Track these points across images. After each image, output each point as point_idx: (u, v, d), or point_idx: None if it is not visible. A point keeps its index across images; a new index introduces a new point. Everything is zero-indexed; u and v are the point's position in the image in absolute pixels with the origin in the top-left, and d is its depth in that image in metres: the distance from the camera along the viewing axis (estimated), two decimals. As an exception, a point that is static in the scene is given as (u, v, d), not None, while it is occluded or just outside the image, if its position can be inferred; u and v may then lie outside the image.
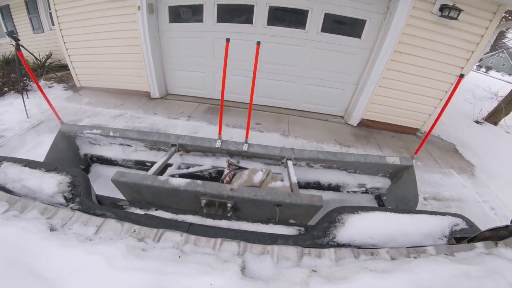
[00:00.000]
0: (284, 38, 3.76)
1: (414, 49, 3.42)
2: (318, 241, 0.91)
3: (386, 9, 3.41)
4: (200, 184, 1.40)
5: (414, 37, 3.35)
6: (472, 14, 3.20)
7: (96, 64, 4.50)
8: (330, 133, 3.90)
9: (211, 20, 3.79)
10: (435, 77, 3.57)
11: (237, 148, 2.04)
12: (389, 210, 1.00)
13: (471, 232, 0.93)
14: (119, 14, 3.86)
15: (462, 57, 3.43)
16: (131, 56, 4.17)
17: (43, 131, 3.32)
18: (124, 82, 4.55)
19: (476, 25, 3.25)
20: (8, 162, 1.09)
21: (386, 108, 3.92)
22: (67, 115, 3.77)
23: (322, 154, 2.02)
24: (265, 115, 4.19)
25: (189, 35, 3.99)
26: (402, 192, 2.04)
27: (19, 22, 6.88)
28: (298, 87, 4.17)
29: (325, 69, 3.93)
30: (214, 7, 3.68)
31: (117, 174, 1.43)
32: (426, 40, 3.36)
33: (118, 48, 4.19)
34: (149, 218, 0.98)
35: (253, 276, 0.72)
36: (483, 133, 5.13)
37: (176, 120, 3.83)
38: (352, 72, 3.91)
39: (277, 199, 1.35)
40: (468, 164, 3.70)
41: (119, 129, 2.08)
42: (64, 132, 2.10)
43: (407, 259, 0.78)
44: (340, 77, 3.98)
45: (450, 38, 3.33)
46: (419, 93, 3.72)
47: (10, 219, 0.80)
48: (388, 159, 1.99)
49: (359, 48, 3.70)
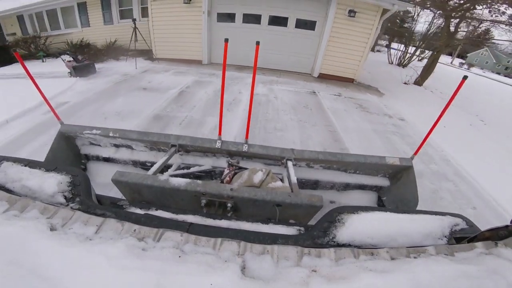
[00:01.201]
0: (276, 31, 7.48)
1: (339, 35, 6.91)
2: (318, 241, 0.91)
3: (325, 15, 6.82)
4: (200, 184, 1.40)
5: (338, 28, 6.83)
6: (366, 13, 6.49)
7: (170, 42, 7.95)
8: (302, 79, 7.43)
9: (239, 21, 7.50)
10: (353, 48, 7.03)
11: (237, 149, 2.04)
12: (389, 210, 1.00)
13: (471, 232, 0.93)
14: (192, 14, 7.32)
15: (365, 37, 6.80)
16: (194, 38, 7.69)
17: (149, 72, 6.90)
18: (186, 54, 8.08)
19: (369, 19, 6.58)
20: (8, 161, 1.09)
21: (331, 66, 7.52)
22: (157, 69, 7.25)
23: (321, 155, 2.02)
24: (267, 71, 7.88)
25: (226, 29, 7.57)
26: (402, 192, 2.04)
27: (92, 16, 9.37)
28: (284, 57, 7.94)
29: (298, 48, 7.65)
30: (241, 15, 7.37)
31: (117, 174, 1.43)
32: (344, 29, 6.80)
33: (187, 33, 7.61)
34: (149, 218, 0.98)
35: (253, 275, 0.72)
36: (403, 87, 8.73)
37: (214, 71, 7.35)
38: (312, 49, 7.59)
39: (277, 199, 1.35)
40: (381, 94, 7.26)
41: (119, 130, 2.07)
42: (64, 133, 2.09)
43: (407, 259, 0.78)
44: (306, 51, 7.68)
45: (357, 27, 6.71)
46: (346, 57, 7.22)
47: (10, 218, 0.80)
48: (388, 159, 1.99)
49: (314, 36, 7.35)
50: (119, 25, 9.39)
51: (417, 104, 6.83)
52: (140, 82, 5.98)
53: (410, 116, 5.70)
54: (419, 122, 5.34)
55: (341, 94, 6.52)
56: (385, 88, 7.98)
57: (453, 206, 2.95)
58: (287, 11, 7.06)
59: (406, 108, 6.27)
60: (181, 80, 6.27)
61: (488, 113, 7.71)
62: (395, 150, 4.08)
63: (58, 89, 5.07)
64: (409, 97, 7.45)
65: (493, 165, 4.11)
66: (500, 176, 3.79)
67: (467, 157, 4.15)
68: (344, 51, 7.08)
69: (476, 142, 5.14)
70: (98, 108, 4.47)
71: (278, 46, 7.60)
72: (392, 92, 7.63)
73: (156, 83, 5.96)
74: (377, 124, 5.04)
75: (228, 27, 7.50)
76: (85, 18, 9.51)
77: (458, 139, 4.98)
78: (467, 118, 6.69)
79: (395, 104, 6.47)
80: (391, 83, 8.95)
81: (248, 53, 7.53)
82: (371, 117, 5.34)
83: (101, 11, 9.28)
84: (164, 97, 5.10)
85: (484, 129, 6.14)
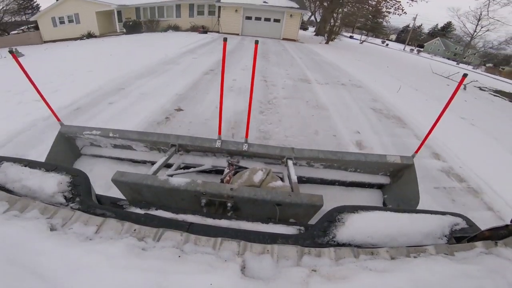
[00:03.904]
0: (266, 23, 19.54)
1: (288, 23, 19.16)
2: (318, 241, 0.91)
3: (283, 16, 18.89)
4: (200, 183, 1.40)
5: (287, 21, 19.06)
6: (296, 15, 19.02)
7: (227, 26, 19.13)
8: (276, 39, 18.73)
9: (253, 19, 19.33)
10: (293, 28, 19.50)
11: (237, 148, 2.04)
12: (389, 209, 1.00)
13: (471, 231, 0.93)
14: (236, 14, 18.85)
15: (297, 23, 19.44)
16: (237, 24, 19.23)
17: (221, 35, 17.35)
18: (234, 30, 19.16)
19: (297, 17, 19.24)
20: (8, 162, 1.09)
21: (286, 34, 19.35)
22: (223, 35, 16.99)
23: (322, 153, 2.02)
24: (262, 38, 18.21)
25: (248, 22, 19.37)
26: (403, 191, 2.04)
27: (183, 12, 20.23)
28: (268, 32, 19.53)
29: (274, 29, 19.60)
30: (253, 17, 19.25)
31: (117, 174, 1.43)
32: (289, 21, 19.09)
33: (234, 22, 19.13)
34: (149, 218, 0.98)
35: (253, 275, 0.72)
36: (319, 44, 19.79)
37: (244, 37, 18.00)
38: (279, 29, 19.51)
39: (277, 198, 1.35)
40: (308, 45, 18.08)
41: (119, 130, 2.07)
42: (64, 134, 2.09)
43: (407, 259, 0.78)
44: (277, 30, 19.53)
45: (294, 20, 19.17)
46: (292, 31, 19.39)
47: (10, 218, 0.80)
48: (389, 157, 1.99)
49: (279, 24, 19.37)
50: (195, 18, 20.42)
51: (325, 50, 16.09)
52: (220, 38, 15.04)
53: (317, 50, 15.43)
54: (321, 52, 14.68)
55: (292, 44, 17.46)
56: (311, 43, 19.32)
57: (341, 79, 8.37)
58: (270, 15, 18.99)
59: (317, 48, 16.32)
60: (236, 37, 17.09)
61: (394, 68, 12.97)
62: (311, 59, 11.68)
63: (198, 37, 14.66)
64: (321, 46, 18.28)
65: (368, 73, 9.82)
66: (362, 71, 10.04)
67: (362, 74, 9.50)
68: (290, 29, 19.19)
69: (372, 72, 10.34)
70: (217, 39, 14.60)
71: (267, 28, 19.48)
72: (315, 45, 18.19)
73: (229, 38, 14.14)
74: (305, 53, 13.64)
75: (248, 21, 19.28)
76: (179, 13, 20.25)
77: (366, 72, 9.86)
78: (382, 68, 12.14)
79: (316, 49, 16.20)
80: (315, 43, 20.12)
81: (256, 31, 19.19)
82: (302, 50, 14.63)
83: (188, 10, 20.30)
84: (235, 41, 14.73)
85: (384, 69, 11.85)
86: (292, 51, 13.47)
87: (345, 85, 7.32)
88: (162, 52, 9.01)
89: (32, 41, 19.15)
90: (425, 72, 13.29)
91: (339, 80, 7.94)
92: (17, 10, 33.46)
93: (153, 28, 18.49)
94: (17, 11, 33.52)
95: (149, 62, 7.42)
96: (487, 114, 7.00)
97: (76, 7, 18.81)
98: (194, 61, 8.34)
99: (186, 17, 19.88)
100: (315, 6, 29.33)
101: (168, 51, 9.38)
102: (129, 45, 11.61)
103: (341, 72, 9.24)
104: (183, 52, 9.77)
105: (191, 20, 19.59)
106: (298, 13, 18.70)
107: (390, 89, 7.27)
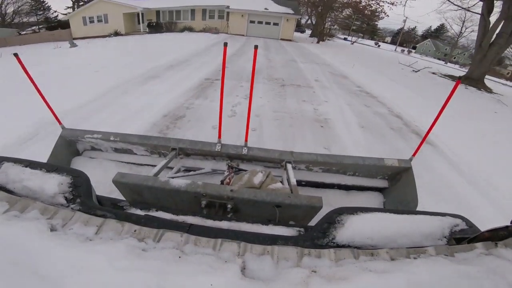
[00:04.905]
0: (267, 26, 23.86)
1: (285, 26, 23.49)
2: (318, 242, 0.91)
3: (281, 21, 23.37)
4: (200, 185, 1.40)
5: (284, 24, 23.44)
6: (291, 20, 23.47)
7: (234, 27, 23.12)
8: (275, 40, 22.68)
9: (256, 22, 23.67)
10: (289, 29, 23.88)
11: (237, 152, 2.04)
12: (388, 211, 1.00)
13: (471, 232, 0.93)
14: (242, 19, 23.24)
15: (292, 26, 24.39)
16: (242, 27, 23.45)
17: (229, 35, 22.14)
18: (239, 31, 23.17)
19: (292, 21, 23.67)
20: (8, 162, 1.09)
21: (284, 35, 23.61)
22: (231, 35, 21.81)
23: (320, 157, 2.02)
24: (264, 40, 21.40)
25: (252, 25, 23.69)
26: (401, 194, 2.04)
27: (197, 15, 24.05)
28: (269, 33, 23.78)
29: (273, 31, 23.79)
30: (256, 21, 23.62)
31: (118, 175, 1.43)
32: (286, 24, 23.47)
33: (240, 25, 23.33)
34: (150, 219, 0.98)
35: (253, 276, 0.72)
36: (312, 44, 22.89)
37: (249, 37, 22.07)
38: (277, 31, 23.75)
39: (277, 200, 1.35)
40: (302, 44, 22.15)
41: (120, 134, 2.07)
42: (65, 137, 2.09)
43: (407, 260, 0.78)
44: (276, 32, 23.74)
45: (290, 24, 23.53)
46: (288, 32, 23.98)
47: (10, 219, 0.80)
48: (387, 161, 1.99)
49: (278, 27, 23.71)
50: (207, 21, 23.72)
51: (314, 47, 19.94)
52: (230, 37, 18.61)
53: (307, 47, 19.51)
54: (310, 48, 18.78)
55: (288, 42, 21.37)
56: (304, 43, 22.93)
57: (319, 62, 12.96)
58: (270, 20, 23.27)
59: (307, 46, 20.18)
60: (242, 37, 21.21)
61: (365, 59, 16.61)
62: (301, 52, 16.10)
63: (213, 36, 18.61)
64: (312, 45, 21.66)
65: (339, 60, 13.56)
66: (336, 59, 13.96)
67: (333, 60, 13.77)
68: (287, 30, 23.53)
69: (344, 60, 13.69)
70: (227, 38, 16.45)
71: (267, 30, 23.54)
72: (307, 44, 21.88)
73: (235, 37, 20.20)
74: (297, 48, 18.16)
75: (252, 24, 23.41)
76: (193, 16, 23.78)
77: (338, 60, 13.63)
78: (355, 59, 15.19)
79: (307, 46, 20.11)
80: (308, 42, 23.66)
81: (258, 32, 23.51)
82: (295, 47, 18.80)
83: (201, 14, 23.87)
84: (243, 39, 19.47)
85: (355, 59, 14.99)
86: (287, 47, 18.26)
87: (318, 64, 11.85)
88: (197, 44, 13.38)
89: (63, 38, 21.64)
90: (391, 63, 16.74)
91: (315, 62, 12.48)
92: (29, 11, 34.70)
93: (172, 28, 21.87)
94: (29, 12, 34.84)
95: (196, 48, 12.27)
96: (412, 80, 10.95)
97: (106, 9, 21.99)
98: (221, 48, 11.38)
99: (199, 20, 23.85)
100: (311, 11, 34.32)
101: (200, 43, 13.80)
102: (169, 40, 15.06)
103: (319, 59, 13.69)
104: (210, 44, 14.35)
105: (204, 23, 23.52)
106: (293, 17, 23.45)
107: (348, 67, 11.47)
